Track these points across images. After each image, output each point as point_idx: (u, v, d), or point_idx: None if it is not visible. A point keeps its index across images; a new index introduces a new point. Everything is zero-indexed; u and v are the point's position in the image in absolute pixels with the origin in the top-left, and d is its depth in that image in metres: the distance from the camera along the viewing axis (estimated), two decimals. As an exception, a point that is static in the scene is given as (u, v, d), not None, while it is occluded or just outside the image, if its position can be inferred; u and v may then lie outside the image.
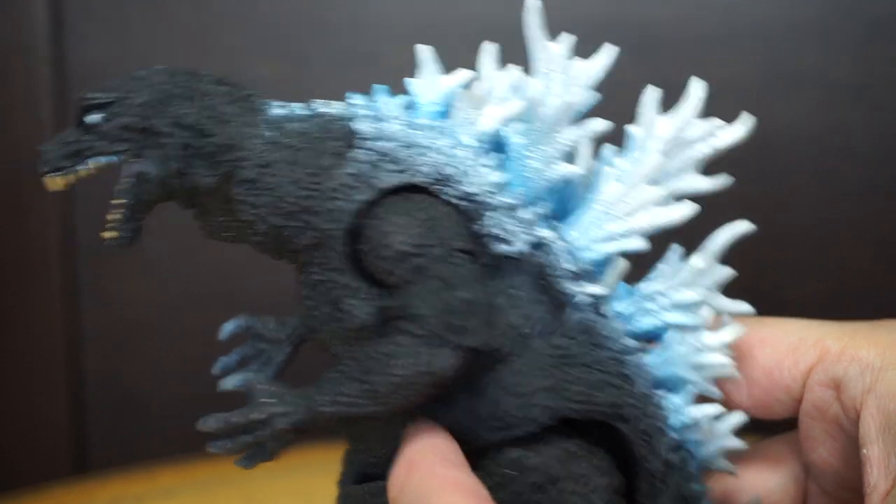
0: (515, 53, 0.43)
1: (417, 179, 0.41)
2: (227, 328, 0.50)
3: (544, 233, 0.41)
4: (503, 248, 0.41)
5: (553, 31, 0.42)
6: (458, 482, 0.38)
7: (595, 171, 0.43)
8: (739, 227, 0.44)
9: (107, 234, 0.42)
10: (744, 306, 0.45)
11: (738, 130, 0.43)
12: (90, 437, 0.81)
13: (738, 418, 0.44)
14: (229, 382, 0.41)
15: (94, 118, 0.42)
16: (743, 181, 0.44)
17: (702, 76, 0.42)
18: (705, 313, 0.43)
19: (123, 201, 0.42)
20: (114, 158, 0.42)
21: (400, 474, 0.40)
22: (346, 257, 0.41)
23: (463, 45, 0.44)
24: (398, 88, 0.43)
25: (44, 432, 0.81)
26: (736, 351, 0.44)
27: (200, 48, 0.79)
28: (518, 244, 0.41)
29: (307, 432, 0.40)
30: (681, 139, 0.42)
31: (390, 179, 0.41)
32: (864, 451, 0.41)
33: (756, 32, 0.64)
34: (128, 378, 0.82)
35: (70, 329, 0.81)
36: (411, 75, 0.43)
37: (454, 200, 0.41)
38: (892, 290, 0.45)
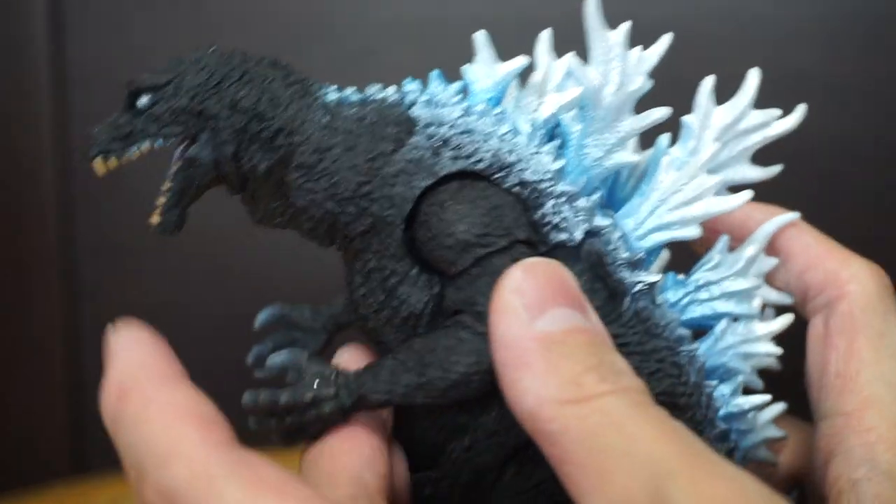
0: (519, 51, 0.42)
1: (478, 167, 0.40)
2: (263, 316, 0.49)
3: (602, 221, 0.41)
4: (562, 236, 0.40)
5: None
6: (182, 408, 0.35)
7: (649, 160, 0.43)
8: (786, 217, 0.44)
9: (153, 220, 0.41)
10: (787, 298, 0.45)
11: (792, 120, 0.43)
12: (90, 437, 0.81)
13: (778, 408, 0.44)
14: (277, 359, 0.40)
15: (144, 101, 0.41)
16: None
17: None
18: (756, 303, 0.43)
19: (171, 186, 0.41)
20: (165, 142, 0.41)
21: (110, 404, 0.35)
22: (403, 244, 0.40)
23: (464, 43, 0.44)
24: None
25: (44, 432, 0.80)
26: None
27: (201, 47, 0.79)
28: (576, 233, 0.40)
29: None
30: (736, 129, 0.42)
31: (451, 166, 0.40)
32: None
33: (758, 32, 0.65)
34: (128, 378, 0.82)
35: (69, 329, 0.80)
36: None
37: (514, 188, 0.40)
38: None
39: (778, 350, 0.44)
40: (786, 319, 0.44)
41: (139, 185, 0.42)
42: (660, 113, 0.41)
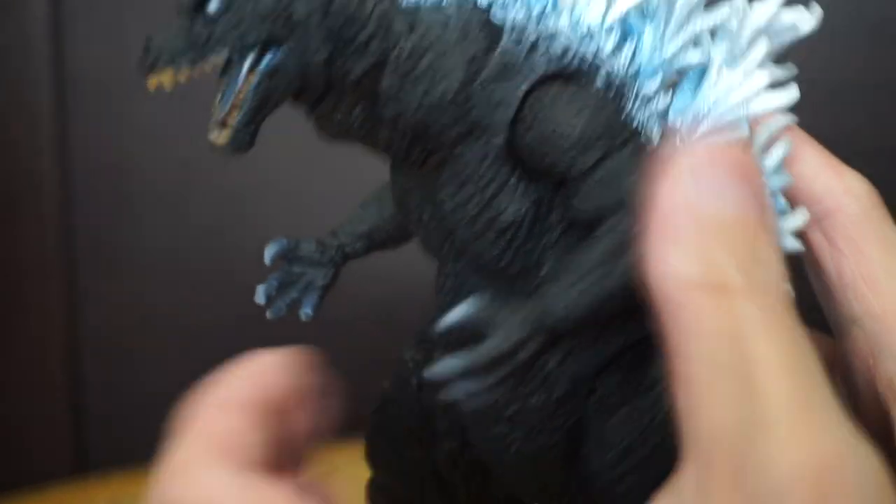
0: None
1: (570, 68, 0.40)
2: (272, 250, 0.47)
3: (675, 122, 0.41)
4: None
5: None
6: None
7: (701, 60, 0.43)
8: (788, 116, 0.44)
9: (220, 139, 0.37)
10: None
11: (812, 19, 0.44)
12: (90, 437, 0.81)
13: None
14: (451, 318, 0.36)
15: (216, 5, 0.37)
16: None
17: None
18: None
19: (247, 99, 0.37)
20: (242, 52, 0.37)
21: (163, 480, 0.34)
22: (504, 149, 0.39)
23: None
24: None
25: (44, 432, 0.80)
26: None
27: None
28: (652, 135, 0.40)
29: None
30: (770, 29, 0.43)
31: (546, 67, 0.39)
32: None
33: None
34: (127, 378, 0.82)
35: (70, 329, 0.80)
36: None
37: (600, 91, 0.40)
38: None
39: (801, 247, 0.43)
40: (805, 215, 0.44)
41: (139, 185, 0.41)
42: (728, 10, 0.42)
